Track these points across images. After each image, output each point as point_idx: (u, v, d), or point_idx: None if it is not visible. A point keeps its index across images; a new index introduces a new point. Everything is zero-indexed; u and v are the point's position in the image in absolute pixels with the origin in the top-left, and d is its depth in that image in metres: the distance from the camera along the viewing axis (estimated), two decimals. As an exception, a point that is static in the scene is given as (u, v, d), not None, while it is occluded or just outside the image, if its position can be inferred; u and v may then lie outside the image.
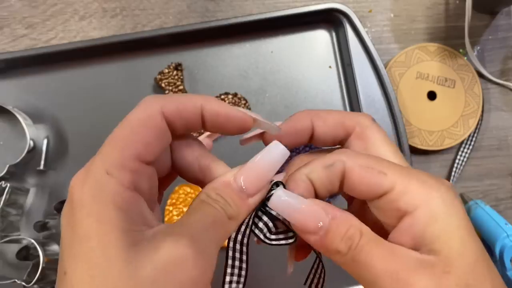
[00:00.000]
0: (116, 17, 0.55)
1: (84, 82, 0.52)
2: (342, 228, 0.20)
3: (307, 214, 0.21)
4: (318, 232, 0.21)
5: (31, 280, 0.44)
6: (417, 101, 0.54)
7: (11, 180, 0.48)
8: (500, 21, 0.58)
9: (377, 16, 0.57)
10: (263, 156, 0.22)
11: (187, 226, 0.20)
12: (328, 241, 0.20)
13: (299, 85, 0.54)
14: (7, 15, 0.55)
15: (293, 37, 0.55)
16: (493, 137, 0.56)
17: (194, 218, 0.21)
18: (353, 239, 0.20)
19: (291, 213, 0.21)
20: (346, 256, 0.20)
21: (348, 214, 0.21)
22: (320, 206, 0.21)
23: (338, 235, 0.20)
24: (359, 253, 0.20)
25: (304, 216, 0.21)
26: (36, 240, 0.46)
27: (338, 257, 0.20)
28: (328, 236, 0.20)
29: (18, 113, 0.49)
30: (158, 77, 0.51)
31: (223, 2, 0.56)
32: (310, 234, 0.21)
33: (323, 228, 0.21)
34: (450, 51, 0.55)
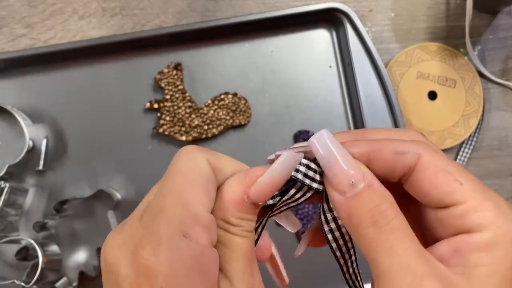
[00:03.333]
0: (116, 16, 0.55)
1: (83, 82, 0.52)
2: (374, 199, 0.18)
3: (344, 167, 0.19)
4: (348, 191, 0.19)
5: (30, 281, 0.44)
6: (418, 101, 0.54)
7: (10, 180, 0.48)
8: (501, 20, 0.57)
9: (378, 16, 0.57)
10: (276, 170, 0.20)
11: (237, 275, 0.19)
12: (354, 206, 0.18)
13: (299, 85, 0.54)
14: (6, 15, 0.55)
15: (293, 37, 0.54)
16: (493, 137, 0.55)
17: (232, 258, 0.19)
18: (384, 216, 0.18)
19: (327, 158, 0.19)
20: (366, 229, 0.18)
21: (387, 191, 0.19)
22: (360, 166, 0.19)
23: (368, 204, 0.18)
24: (384, 235, 0.18)
25: (340, 168, 0.19)
26: (35, 241, 0.46)
27: (358, 228, 0.18)
28: (356, 201, 0.18)
29: (17, 113, 0.49)
30: (157, 77, 0.51)
31: (223, 2, 0.56)
32: (338, 191, 0.19)
33: (354, 189, 0.18)
34: (451, 50, 0.55)
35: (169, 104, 0.51)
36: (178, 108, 0.51)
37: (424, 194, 0.19)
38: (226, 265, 0.20)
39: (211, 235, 0.19)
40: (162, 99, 0.51)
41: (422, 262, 0.17)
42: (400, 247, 0.17)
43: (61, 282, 0.47)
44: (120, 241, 0.18)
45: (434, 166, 0.19)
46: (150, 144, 0.52)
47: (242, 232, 0.20)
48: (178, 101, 0.51)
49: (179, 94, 0.51)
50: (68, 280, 0.48)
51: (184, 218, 0.18)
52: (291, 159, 0.20)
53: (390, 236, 0.18)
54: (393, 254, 0.17)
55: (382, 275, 0.17)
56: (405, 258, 0.17)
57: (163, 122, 0.50)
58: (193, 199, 0.19)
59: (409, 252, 0.17)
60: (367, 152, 0.20)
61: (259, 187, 0.20)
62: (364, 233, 0.18)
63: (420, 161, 0.19)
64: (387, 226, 0.18)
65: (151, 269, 0.17)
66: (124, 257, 0.17)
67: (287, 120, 0.53)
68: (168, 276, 0.17)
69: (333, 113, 0.53)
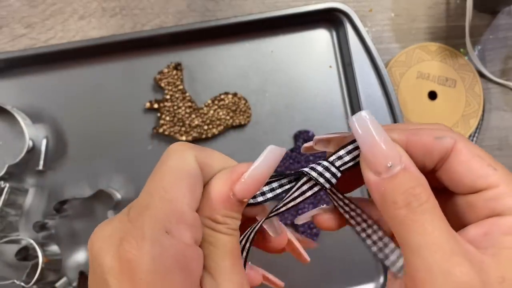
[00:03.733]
0: (116, 16, 0.55)
1: (83, 82, 0.52)
2: (409, 182, 0.19)
3: (383, 148, 0.19)
4: (383, 173, 0.19)
5: (30, 281, 0.44)
6: (418, 101, 0.54)
7: (10, 180, 0.48)
8: (501, 20, 0.57)
9: (378, 16, 0.57)
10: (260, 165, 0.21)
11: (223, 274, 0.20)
12: (389, 187, 0.19)
13: (299, 85, 0.54)
14: (6, 15, 0.54)
15: (293, 37, 0.54)
16: (494, 137, 0.55)
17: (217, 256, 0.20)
18: (417, 199, 0.18)
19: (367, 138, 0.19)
20: (399, 210, 0.18)
21: (422, 175, 0.19)
22: (399, 150, 0.19)
23: (403, 186, 0.18)
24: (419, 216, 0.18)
25: (378, 149, 0.19)
26: (35, 241, 0.46)
27: (391, 208, 0.19)
28: (391, 183, 0.19)
29: (17, 113, 0.49)
30: (157, 76, 0.51)
31: (223, 2, 0.56)
32: (374, 171, 0.19)
33: (390, 171, 0.19)
34: (451, 50, 0.55)
35: (169, 104, 0.51)
36: (178, 108, 0.51)
37: (458, 178, 0.20)
38: (212, 263, 0.20)
39: (195, 234, 0.19)
40: (162, 99, 0.51)
41: (452, 242, 0.18)
42: (431, 226, 0.18)
43: (61, 282, 0.47)
44: (107, 233, 0.18)
45: (469, 151, 0.20)
46: (150, 144, 0.52)
47: (227, 230, 0.20)
48: (178, 101, 0.51)
49: (179, 94, 0.51)
50: (68, 280, 0.48)
51: (169, 215, 0.18)
52: (274, 154, 0.21)
53: (422, 216, 0.18)
54: (424, 232, 0.18)
55: (413, 252, 0.18)
56: (436, 236, 0.18)
57: (163, 122, 0.50)
58: (178, 197, 0.19)
59: (439, 231, 0.18)
60: (406, 138, 0.20)
61: (244, 183, 0.20)
62: (397, 213, 0.18)
63: (456, 146, 0.20)
64: (420, 208, 0.18)
65: (133, 263, 0.17)
66: (109, 249, 0.18)
67: (287, 120, 0.53)
68: (148, 271, 0.17)
69: (333, 113, 0.53)
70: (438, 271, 0.17)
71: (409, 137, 0.20)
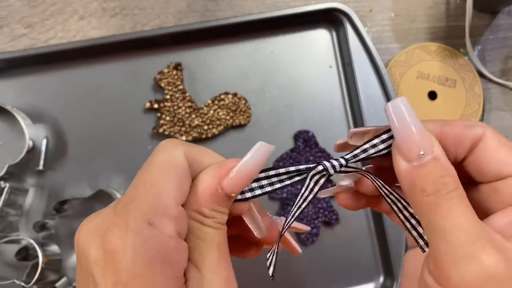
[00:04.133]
0: (116, 16, 0.55)
1: (83, 82, 0.52)
2: (439, 171, 0.19)
3: (417, 136, 0.19)
4: (414, 160, 0.19)
5: (30, 281, 0.44)
6: (418, 101, 0.54)
7: (10, 180, 0.48)
8: (500, 20, 0.57)
9: (378, 16, 0.57)
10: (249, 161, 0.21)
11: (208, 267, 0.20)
12: (418, 175, 0.19)
13: (299, 85, 0.54)
14: (6, 15, 0.55)
15: (293, 37, 0.54)
16: (493, 137, 0.55)
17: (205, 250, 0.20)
18: (446, 187, 0.18)
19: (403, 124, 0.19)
20: (428, 197, 0.19)
21: (452, 166, 0.19)
22: (432, 139, 0.19)
23: (433, 174, 0.19)
24: (446, 201, 0.18)
25: (413, 136, 0.19)
26: (35, 241, 0.46)
27: (419, 195, 0.19)
28: (422, 171, 0.19)
29: (17, 113, 0.49)
30: (157, 77, 0.51)
31: (223, 2, 0.56)
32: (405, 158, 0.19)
33: (421, 159, 0.19)
34: (451, 50, 0.55)
35: (169, 104, 0.51)
36: (178, 108, 0.51)
37: (485, 165, 0.21)
38: (199, 256, 0.20)
39: (179, 227, 0.19)
40: (162, 99, 0.51)
41: (478, 227, 0.18)
42: (458, 211, 0.18)
43: (61, 282, 0.47)
44: (93, 225, 0.19)
45: (497, 140, 0.21)
46: (150, 144, 0.52)
47: (215, 224, 0.21)
48: (178, 101, 0.51)
49: (179, 94, 0.51)
50: (68, 280, 0.48)
51: (153, 208, 0.19)
52: (264, 150, 0.21)
53: (450, 201, 0.18)
54: (450, 216, 0.18)
55: (438, 236, 0.18)
56: (462, 221, 0.18)
57: (163, 122, 0.50)
58: (164, 191, 0.19)
59: (466, 217, 0.18)
60: (439, 128, 0.21)
61: (232, 178, 0.21)
62: (425, 199, 0.19)
63: (485, 135, 0.21)
64: (448, 194, 0.18)
65: (115, 253, 0.17)
66: (94, 240, 0.18)
67: (287, 120, 0.53)
68: (130, 261, 0.17)
69: (333, 113, 0.53)
70: (463, 254, 0.17)
71: (442, 127, 0.21)
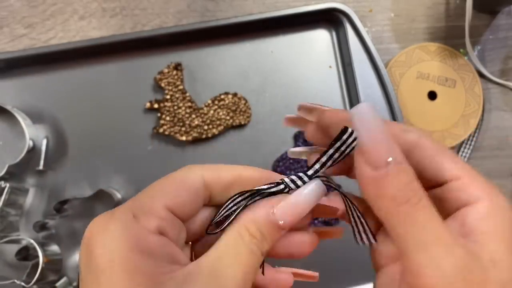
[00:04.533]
0: (116, 16, 0.55)
1: (83, 82, 0.52)
2: (407, 177, 0.18)
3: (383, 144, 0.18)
4: (382, 168, 0.18)
5: (31, 281, 0.44)
6: (418, 101, 0.54)
7: (10, 180, 0.48)
8: (500, 20, 0.57)
9: (377, 16, 0.57)
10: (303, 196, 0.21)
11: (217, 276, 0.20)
12: (387, 182, 0.18)
13: (299, 85, 0.54)
14: (6, 15, 0.55)
15: (293, 37, 0.54)
16: (493, 137, 0.56)
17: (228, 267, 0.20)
18: (415, 194, 0.18)
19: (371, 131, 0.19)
20: (399, 207, 0.18)
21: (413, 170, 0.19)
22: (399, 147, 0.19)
23: (401, 181, 0.18)
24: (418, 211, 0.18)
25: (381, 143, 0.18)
26: (35, 241, 0.46)
27: (389, 205, 0.19)
28: (390, 178, 0.18)
29: (18, 113, 0.49)
30: (157, 77, 0.51)
31: (223, 2, 0.56)
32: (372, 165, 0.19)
33: (388, 166, 0.18)
34: (451, 50, 0.55)
35: (169, 104, 0.51)
36: (178, 108, 0.51)
37: (422, 171, 0.21)
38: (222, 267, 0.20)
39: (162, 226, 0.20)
40: (162, 99, 0.51)
41: (450, 235, 0.18)
42: (434, 222, 0.18)
43: (62, 282, 0.47)
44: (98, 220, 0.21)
45: (432, 146, 0.21)
46: (150, 144, 0.52)
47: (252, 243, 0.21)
48: (178, 101, 0.51)
49: (179, 94, 0.51)
50: (69, 280, 0.48)
51: (141, 205, 0.20)
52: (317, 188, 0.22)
53: (424, 211, 0.18)
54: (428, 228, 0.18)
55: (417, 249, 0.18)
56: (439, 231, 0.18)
57: (163, 122, 0.50)
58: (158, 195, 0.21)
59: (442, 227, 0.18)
60: None
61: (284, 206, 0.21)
62: (398, 210, 0.18)
63: (420, 141, 0.21)
64: (420, 204, 0.18)
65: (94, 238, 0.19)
66: None
67: (287, 120, 0.53)
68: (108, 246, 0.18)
69: (333, 113, 0.53)
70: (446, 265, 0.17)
71: None
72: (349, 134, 0.21)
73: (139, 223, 0.20)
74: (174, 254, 0.21)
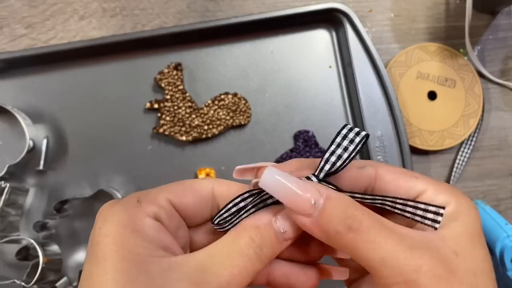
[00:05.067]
0: (116, 17, 0.55)
1: (83, 82, 0.52)
2: (339, 208, 0.20)
3: (300, 193, 0.20)
4: (313, 212, 0.20)
5: (31, 281, 0.44)
6: (418, 101, 0.54)
7: (10, 180, 0.48)
8: (500, 20, 0.57)
9: (377, 16, 0.57)
10: None
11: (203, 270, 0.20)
12: (324, 221, 0.20)
13: (299, 85, 0.54)
14: (6, 15, 0.55)
15: (293, 37, 0.54)
16: (493, 137, 0.56)
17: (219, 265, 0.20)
18: (354, 219, 0.19)
19: (282, 191, 0.20)
20: (346, 237, 0.19)
21: (343, 195, 0.21)
22: (314, 186, 0.21)
23: (336, 215, 0.20)
24: (364, 234, 0.19)
25: (296, 195, 0.20)
26: (35, 240, 0.46)
27: (337, 239, 0.20)
28: (324, 216, 0.20)
29: (18, 113, 0.49)
30: (157, 77, 0.51)
31: (223, 2, 0.56)
32: (304, 215, 0.20)
33: (317, 208, 0.20)
34: (451, 51, 0.55)
35: (169, 104, 0.51)
36: (178, 108, 0.51)
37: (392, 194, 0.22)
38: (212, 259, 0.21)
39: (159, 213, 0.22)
40: (162, 99, 0.51)
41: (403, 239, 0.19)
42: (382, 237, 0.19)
43: (62, 282, 0.47)
44: None
45: (391, 172, 0.23)
46: (150, 144, 0.52)
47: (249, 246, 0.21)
48: (178, 101, 0.51)
49: (179, 94, 0.51)
50: (69, 280, 0.48)
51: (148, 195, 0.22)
52: None
53: (369, 232, 0.19)
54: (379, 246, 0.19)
55: (379, 266, 0.19)
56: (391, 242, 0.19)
57: (163, 122, 0.51)
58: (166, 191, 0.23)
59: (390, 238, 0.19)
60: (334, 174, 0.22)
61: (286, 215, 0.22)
62: (345, 240, 0.20)
63: (378, 171, 0.23)
64: (362, 226, 0.19)
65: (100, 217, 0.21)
66: None
67: (287, 120, 0.53)
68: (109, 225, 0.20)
69: (333, 113, 0.53)
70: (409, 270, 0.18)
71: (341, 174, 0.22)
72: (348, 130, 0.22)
73: (140, 206, 0.21)
74: (167, 242, 0.21)
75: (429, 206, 0.21)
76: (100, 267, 0.19)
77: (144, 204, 0.21)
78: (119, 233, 0.20)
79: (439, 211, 0.20)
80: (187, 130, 0.51)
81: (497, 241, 0.47)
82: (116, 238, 0.20)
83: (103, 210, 0.21)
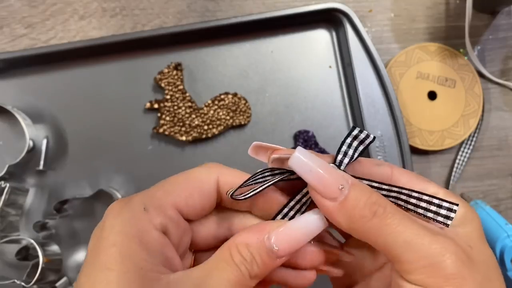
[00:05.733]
0: (116, 16, 0.55)
1: (83, 82, 0.52)
2: (364, 193, 0.20)
3: (328, 177, 0.21)
4: (339, 196, 0.20)
5: (31, 281, 0.44)
6: (418, 101, 0.54)
7: (10, 180, 0.48)
8: (500, 20, 0.57)
9: (377, 16, 0.57)
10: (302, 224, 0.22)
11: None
12: (350, 205, 0.20)
13: (299, 85, 0.54)
14: (6, 15, 0.55)
15: (293, 37, 0.54)
16: (493, 137, 0.56)
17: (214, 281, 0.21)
18: (379, 205, 0.20)
19: (312, 173, 0.21)
20: (371, 221, 0.20)
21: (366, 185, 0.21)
22: (340, 172, 0.21)
23: (362, 200, 0.20)
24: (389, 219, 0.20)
25: (325, 178, 0.21)
26: (35, 240, 0.46)
27: (362, 223, 0.20)
28: (350, 200, 0.20)
29: (18, 113, 0.49)
30: (157, 77, 0.51)
31: (223, 2, 0.56)
32: (329, 198, 0.21)
33: (343, 192, 0.20)
34: (451, 50, 0.55)
35: (169, 104, 0.51)
36: (178, 108, 0.51)
37: None
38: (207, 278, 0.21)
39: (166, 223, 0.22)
40: (162, 99, 0.51)
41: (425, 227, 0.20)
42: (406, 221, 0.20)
43: (62, 282, 0.47)
44: None
45: (406, 173, 0.24)
46: (150, 144, 0.52)
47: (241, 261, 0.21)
48: (178, 101, 0.51)
49: (179, 94, 0.51)
50: (69, 280, 0.48)
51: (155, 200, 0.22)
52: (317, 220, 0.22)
53: (394, 217, 0.20)
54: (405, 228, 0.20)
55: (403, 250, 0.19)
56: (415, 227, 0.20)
57: (163, 122, 0.50)
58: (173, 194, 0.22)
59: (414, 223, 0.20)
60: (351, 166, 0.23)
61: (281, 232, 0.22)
62: (369, 225, 0.20)
63: (394, 171, 0.24)
64: (386, 212, 0.20)
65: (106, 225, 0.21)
66: None
67: (287, 120, 0.53)
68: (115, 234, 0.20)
69: (333, 113, 0.53)
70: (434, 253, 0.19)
71: (354, 166, 0.23)
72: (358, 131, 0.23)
73: (147, 215, 0.21)
74: (170, 257, 0.21)
75: (443, 202, 0.21)
76: (104, 275, 0.19)
77: (151, 213, 0.21)
78: (127, 245, 0.20)
79: (453, 207, 0.21)
80: (187, 130, 0.51)
81: (497, 241, 0.47)
82: (123, 249, 0.20)
83: (111, 215, 0.21)
